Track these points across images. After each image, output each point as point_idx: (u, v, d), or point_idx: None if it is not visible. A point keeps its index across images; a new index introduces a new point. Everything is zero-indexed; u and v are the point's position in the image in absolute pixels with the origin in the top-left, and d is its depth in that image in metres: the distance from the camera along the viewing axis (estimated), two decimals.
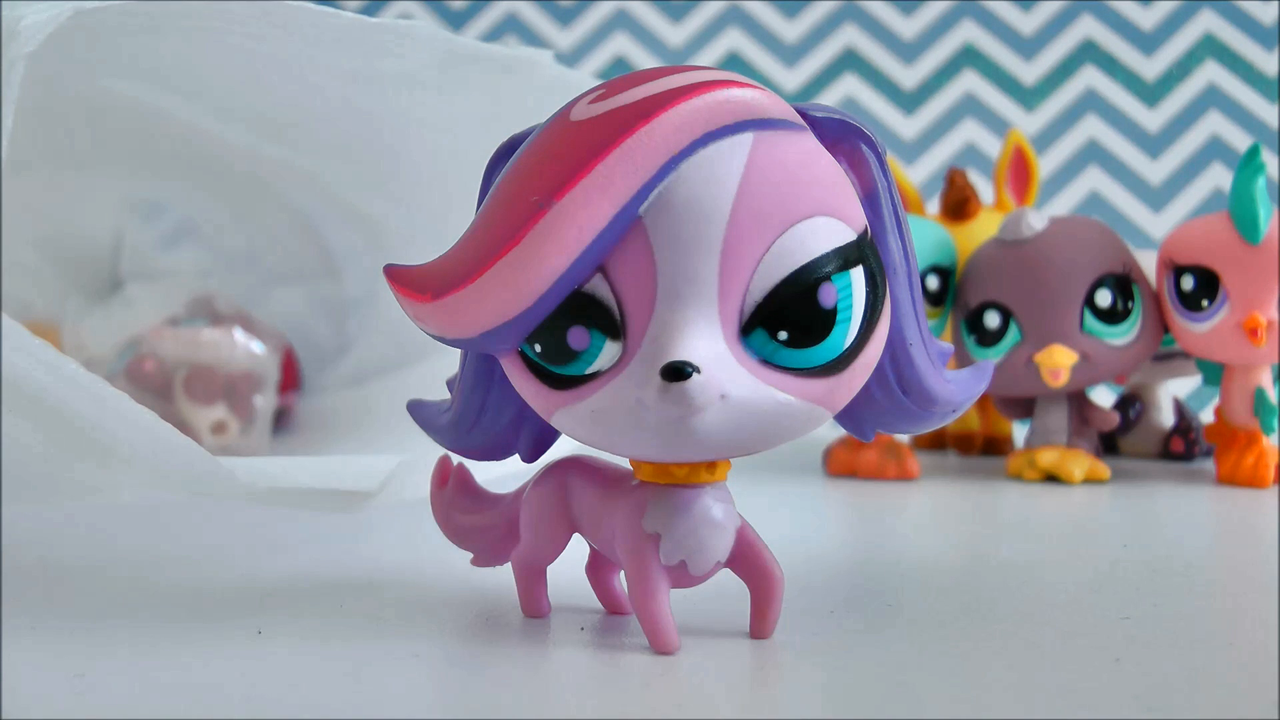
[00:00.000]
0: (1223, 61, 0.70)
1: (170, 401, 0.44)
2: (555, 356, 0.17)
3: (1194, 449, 0.45)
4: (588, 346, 0.16)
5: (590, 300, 0.16)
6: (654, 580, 0.18)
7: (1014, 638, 0.19)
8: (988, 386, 0.40)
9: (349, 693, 0.16)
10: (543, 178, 0.16)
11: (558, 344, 0.16)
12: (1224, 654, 0.18)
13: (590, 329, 0.16)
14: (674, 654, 0.18)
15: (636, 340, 0.16)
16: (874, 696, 0.16)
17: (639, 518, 0.18)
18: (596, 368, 0.16)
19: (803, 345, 0.16)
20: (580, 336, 0.16)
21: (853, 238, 0.17)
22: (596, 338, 0.16)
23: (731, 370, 0.16)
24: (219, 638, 0.19)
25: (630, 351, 0.16)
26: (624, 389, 0.16)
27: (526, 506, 0.20)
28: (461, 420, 0.20)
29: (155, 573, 0.25)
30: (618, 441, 0.17)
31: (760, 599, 0.19)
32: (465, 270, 0.16)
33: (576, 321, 0.16)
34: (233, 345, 0.45)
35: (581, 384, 0.17)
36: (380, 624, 0.20)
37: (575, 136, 0.16)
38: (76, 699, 0.16)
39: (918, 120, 0.73)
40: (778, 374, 0.16)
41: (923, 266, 0.40)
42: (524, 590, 0.20)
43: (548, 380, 0.17)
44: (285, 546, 0.28)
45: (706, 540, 0.18)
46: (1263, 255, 0.35)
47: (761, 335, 0.16)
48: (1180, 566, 0.25)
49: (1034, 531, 0.31)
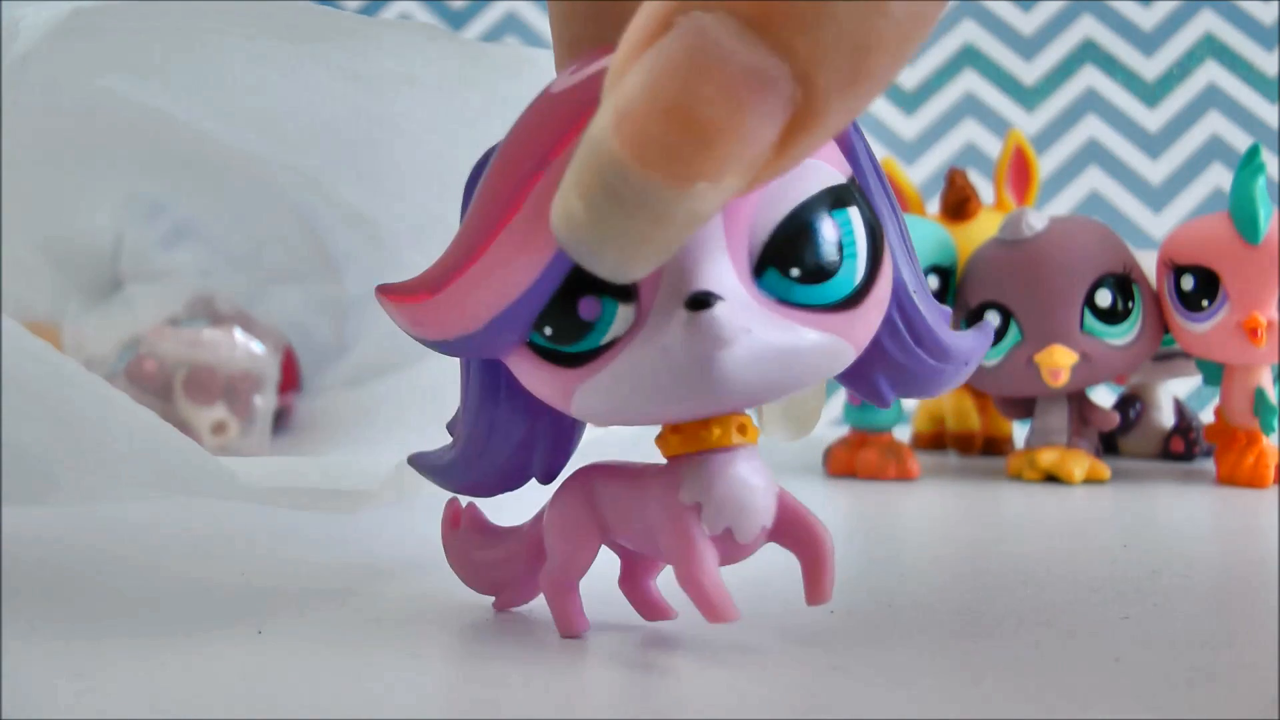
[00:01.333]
0: (1223, 61, 0.70)
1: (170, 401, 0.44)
2: (568, 334, 0.16)
3: (1194, 449, 0.45)
4: (600, 315, 0.16)
5: None
6: (701, 549, 0.17)
7: (1014, 637, 0.19)
8: (988, 387, 0.40)
9: (349, 693, 0.16)
10: (534, 144, 0.16)
11: (569, 319, 0.16)
12: (1224, 654, 0.18)
13: (600, 296, 0.16)
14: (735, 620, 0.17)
15: (650, 297, 0.16)
16: (874, 696, 0.16)
17: (675, 492, 0.17)
18: (612, 335, 0.16)
19: (816, 281, 0.16)
20: (591, 306, 0.16)
21: (842, 180, 0.17)
22: (608, 304, 0.16)
23: (751, 308, 0.16)
24: (219, 638, 0.19)
25: (645, 310, 0.16)
26: (645, 344, 0.16)
27: (550, 521, 0.19)
28: (469, 447, 0.19)
29: (155, 573, 0.25)
30: (643, 404, 0.16)
31: (812, 564, 0.18)
32: (459, 260, 0.16)
33: (585, 291, 0.16)
34: (233, 345, 0.45)
35: (599, 355, 0.16)
36: (380, 624, 0.20)
37: (559, 104, 0.16)
38: (76, 699, 0.16)
39: (918, 120, 0.73)
40: (797, 310, 0.16)
41: (923, 267, 0.40)
42: (559, 610, 0.19)
43: (563, 361, 0.16)
44: (285, 546, 0.28)
45: (749, 502, 0.17)
46: (1263, 255, 0.35)
47: (774, 274, 0.16)
48: (1180, 566, 0.25)
49: (1034, 531, 0.31)
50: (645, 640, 0.18)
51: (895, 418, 0.41)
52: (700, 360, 0.15)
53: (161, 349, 0.44)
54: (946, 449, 0.50)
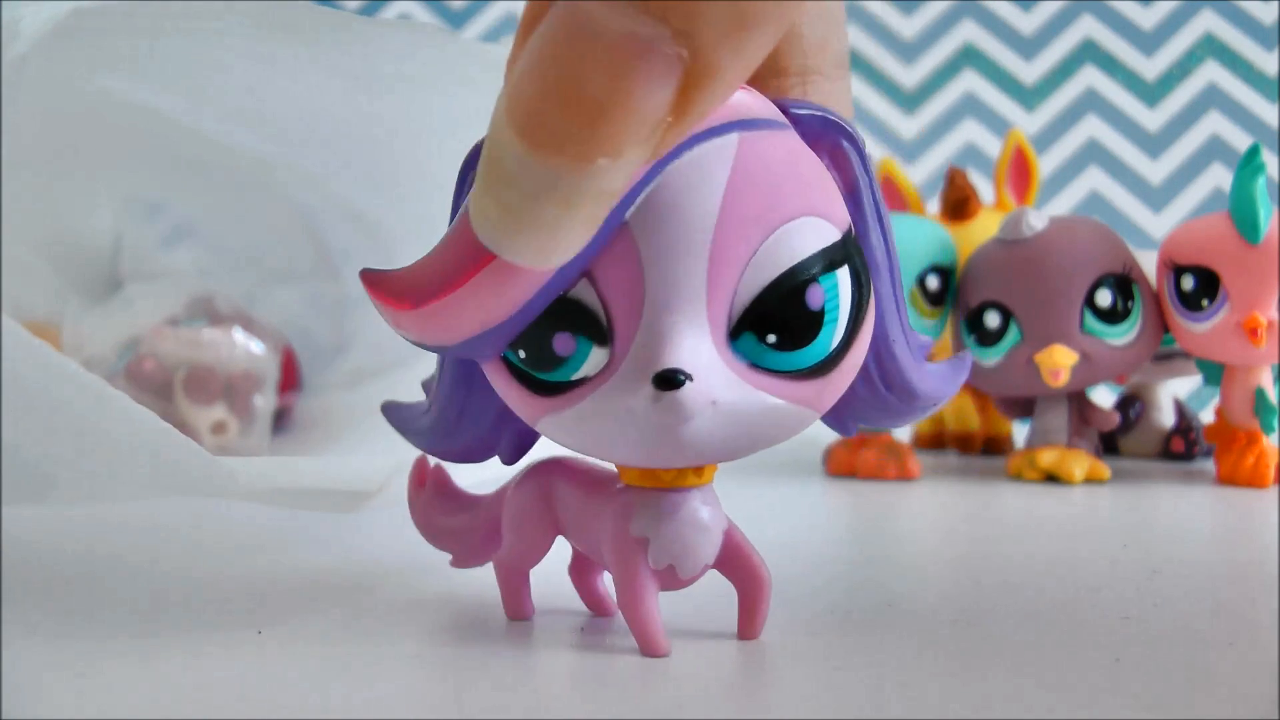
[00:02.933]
0: (1223, 61, 0.70)
1: (170, 401, 0.43)
2: (540, 363, 0.16)
3: (1194, 449, 0.45)
4: (573, 353, 0.16)
5: (576, 306, 0.16)
6: (642, 584, 0.18)
7: (1014, 637, 0.19)
8: (988, 387, 0.40)
9: (349, 693, 0.16)
10: None
11: (542, 350, 0.16)
12: (1224, 654, 0.18)
13: (576, 335, 0.16)
14: (664, 657, 0.18)
15: (624, 345, 0.16)
16: (873, 696, 0.16)
17: (626, 522, 0.18)
18: (583, 374, 0.16)
19: (791, 348, 0.16)
20: (566, 343, 0.16)
21: (838, 237, 0.16)
22: (583, 344, 0.16)
23: (721, 376, 0.16)
24: (219, 638, 0.19)
25: (618, 357, 0.16)
26: (612, 396, 0.16)
27: (509, 508, 0.20)
28: (440, 422, 0.19)
29: (155, 572, 0.25)
30: (605, 448, 0.17)
31: (748, 601, 0.19)
32: (445, 278, 0.16)
33: (562, 328, 0.16)
34: (232, 345, 0.45)
35: (567, 390, 0.16)
36: (380, 624, 0.20)
37: None
38: (76, 699, 0.16)
39: (918, 120, 0.73)
40: (767, 377, 0.16)
41: (923, 266, 0.40)
42: (507, 592, 0.20)
43: (532, 386, 0.17)
44: (285, 546, 0.28)
45: (693, 543, 0.18)
46: (1263, 255, 0.35)
47: (750, 339, 0.16)
48: (1180, 566, 0.25)
49: (1034, 531, 0.31)
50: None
51: None
52: (663, 428, 0.16)
53: (161, 349, 0.44)
54: (946, 449, 0.50)
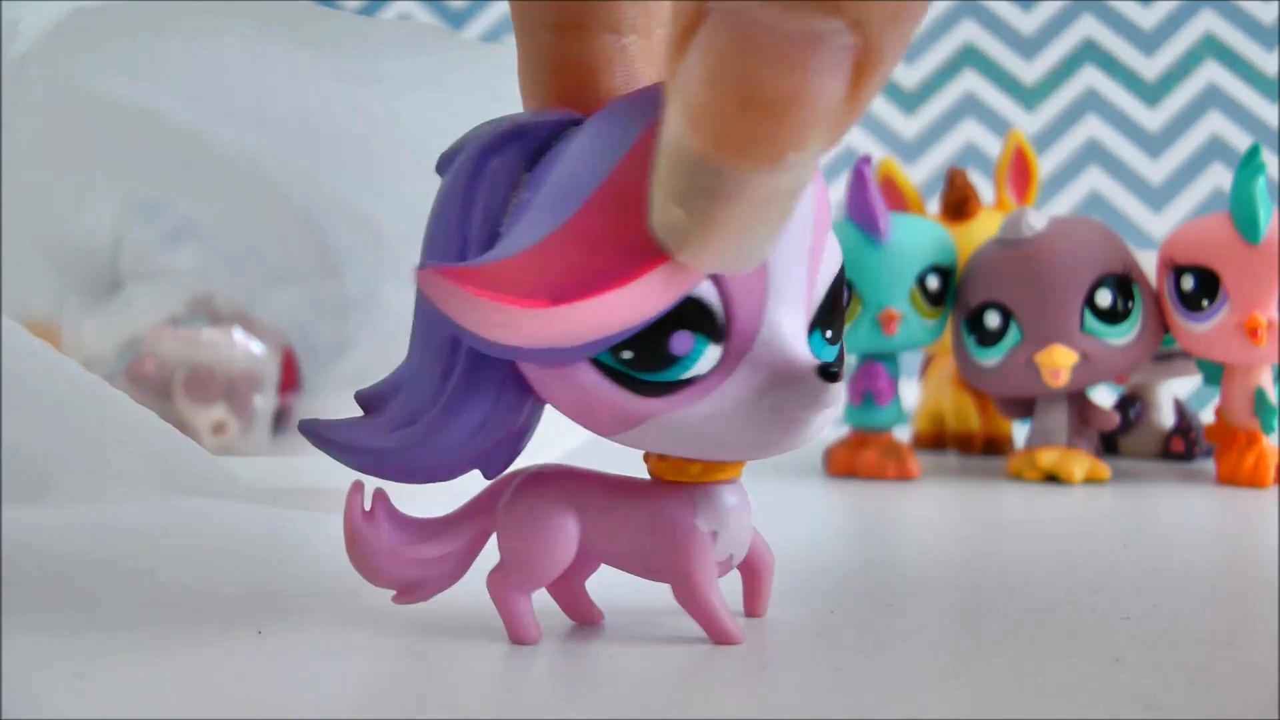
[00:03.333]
0: (1223, 61, 0.70)
1: (170, 401, 0.44)
2: (649, 363, 0.16)
3: (1194, 449, 0.45)
4: (689, 351, 0.16)
5: (699, 305, 0.16)
6: (711, 577, 0.18)
7: (1014, 638, 0.19)
8: (988, 387, 0.40)
9: (349, 693, 0.16)
10: None
11: (657, 350, 0.16)
12: (1224, 654, 0.18)
13: (695, 334, 0.16)
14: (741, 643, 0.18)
15: (741, 343, 0.16)
16: (873, 696, 0.16)
17: (691, 517, 0.18)
18: (694, 372, 0.16)
19: (834, 342, 0.18)
20: (684, 341, 0.16)
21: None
22: (700, 342, 0.16)
23: None
24: (219, 638, 0.19)
25: (732, 355, 0.16)
26: (735, 390, 0.16)
27: (518, 524, 0.18)
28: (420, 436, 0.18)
29: (155, 572, 0.25)
30: (716, 445, 0.17)
31: (756, 581, 0.20)
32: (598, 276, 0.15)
33: (682, 326, 0.16)
34: (232, 345, 0.45)
35: (678, 389, 0.16)
36: (380, 624, 0.20)
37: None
38: (76, 699, 0.16)
39: (918, 120, 0.73)
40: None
41: (923, 266, 0.40)
42: (512, 616, 0.19)
43: (635, 388, 0.16)
44: (285, 546, 0.28)
45: (747, 534, 0.19)
46: (1263, 255, 0.35)
47: (817, 337, 0.17)
48: (1180, 566, 0.25)
49: (1034, 531, 0.31)
50: (643, 640, 0.18)
51: (895, 418, 0.41)
52: (796, 420, 0.16)
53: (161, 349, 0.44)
54: (946, 449, 0.50)
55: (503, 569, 0.19)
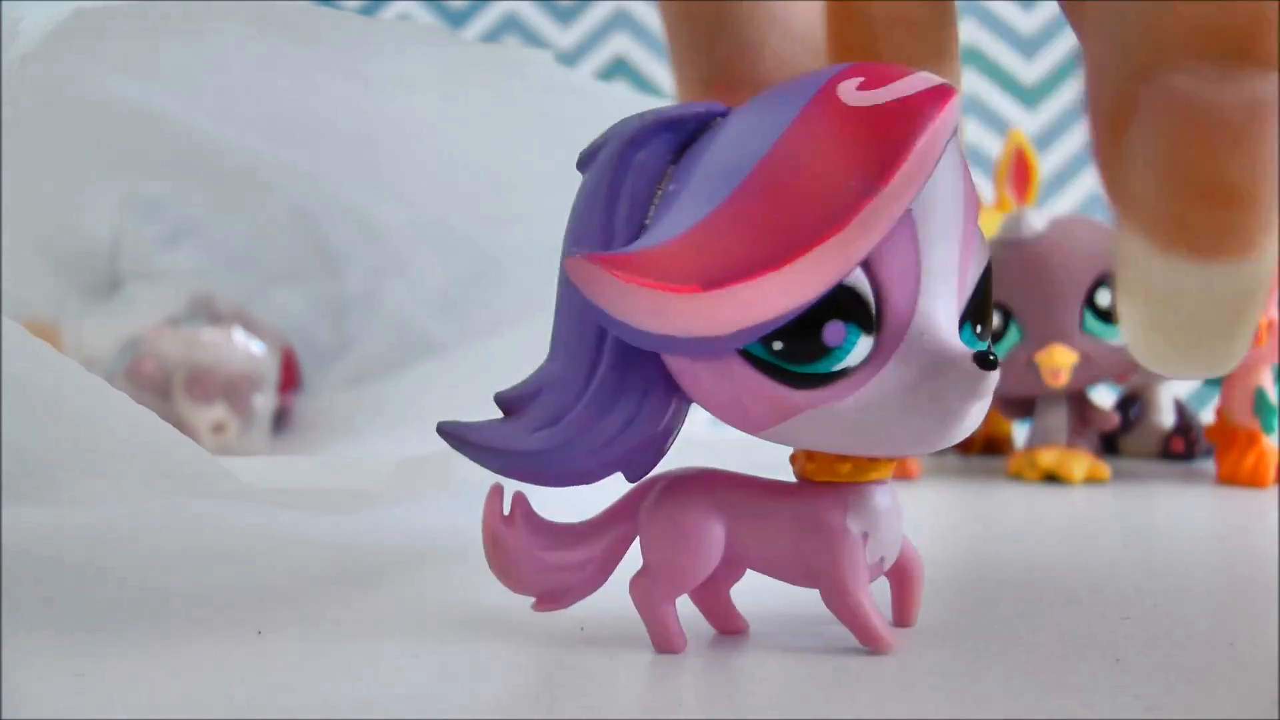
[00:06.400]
0: None
1: (170, 401, 0.44)
2: (801, 354, 0.16)
3: (1194, 449, 0.45)
4: (842, 342, 0.16)
5: (852, 294, 0.16)
6: (864, 580, 0.18)
7: (1014, 637, 0.19)
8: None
9: (349, 693, 0.16)
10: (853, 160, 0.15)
11: (809, 340, 0.16)
12: (1224, 654, 0.18)
13: (848, 324, 0.16)
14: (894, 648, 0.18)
15: (894, 334, 0.16)
16: (872, 696, 0.16)
17: (841, 518, 0.17)
18: (846, 364, 0.16)
19: (984, 337, 0.17)
20: (836, 332, 0.16)
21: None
22: (852, 332, 0.16)
23: None
24: (219, 637, 0.19)
25: (886, 345, 0.16)
26: (890, 382, 0.16)
27: (662, 528, 0.18)
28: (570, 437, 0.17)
29: (155, 572, 0.25)
30: (872, 438, 0.16)
31: (906, 589, 0.19)
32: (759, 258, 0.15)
33: (836, 316, 0.16)
34: (232, 345, 0.45)
35: (832, 381, 0.16)
36: (380, 624, 0.20)
37: (869, 124, 0.15)
38: (76, 699, 0.16)
39: None
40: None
41: None
42: (658, 624, 0.18)
43: (789, 380, 0.16)
44: (285, 546, 0.28)
45: (898, 536, 0.18)
46: None
47: (967, 331, 0.17)
48: (1180, 566, 0.25)
49: (1034, 531, 0.31)
50: (641, 640, 0.18)
51: None
52: (952, 412, 0.16)
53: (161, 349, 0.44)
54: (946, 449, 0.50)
55: (647, 574, 0.18)
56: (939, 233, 0.16)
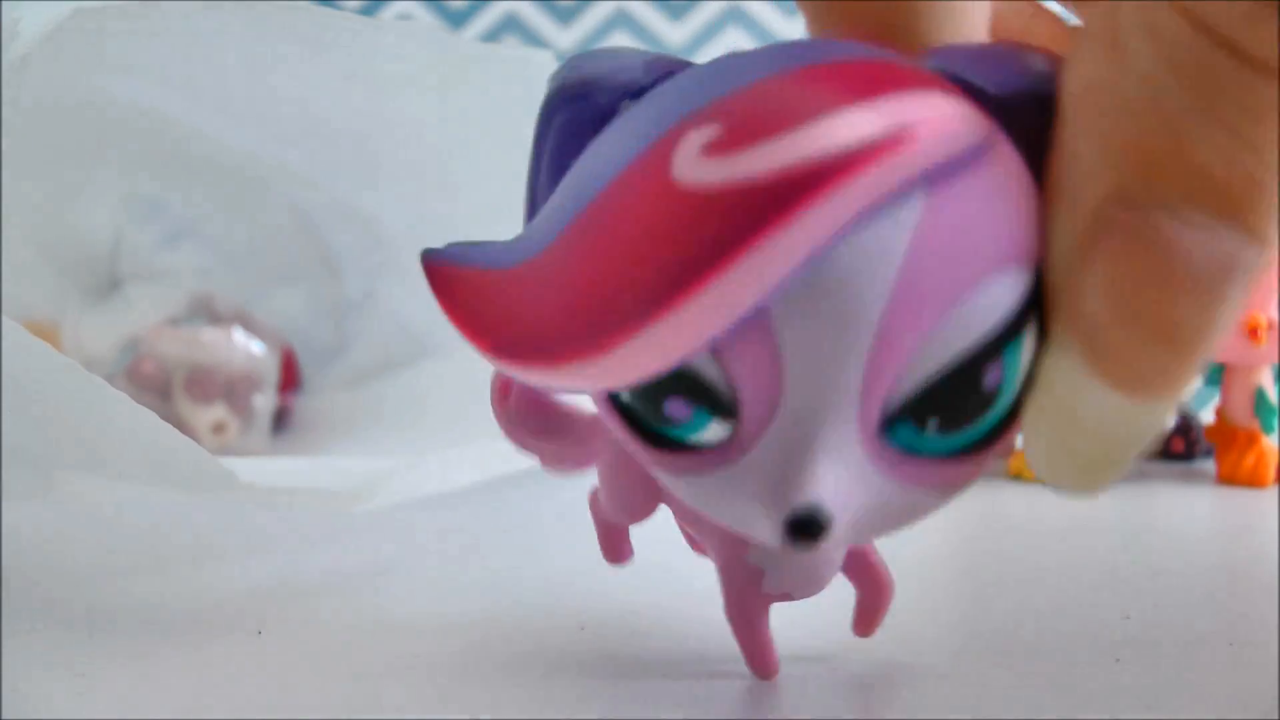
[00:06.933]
0: None
1: (170, 401, 0.44)
2: (650, 416, 0.14)
3: (1194, 449, 0.45)
4: (689, 419, 0.13)
5: (694, 376, 0.13)
6: (751, 608, 0.17)
7: (1013, 637, 0.19)
8: None
9: (349, 693, 0.16)
10: (654, 264, 0.12)
11: (653, 408, 0.13)
12: (1224, 654, 0.18)
13: (693, 405, 0.13)
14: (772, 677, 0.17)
15: (754, 428, 0.13)
16: (872, 696, 0.16)
17: (743, 548, 0.16)
18: (698, 440, 0.13)
19: (954, 430, 0.13)
20: (680, 408, 0.13)
21: (1028, 283, 0.13)
22: (700, 414, 0.13)
23: (865, 487, 0.13)
24: (219, 638, 0.19)
25: (744, 439, 0.13)
26: (732, 484, 0.13)
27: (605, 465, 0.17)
28: None
29: (155, 573, 0.25)
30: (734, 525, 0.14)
31: (870, 604, 0.18)
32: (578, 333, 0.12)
33: (676, 393, 0.13)
34: (232, 345, 0.45)
35: (681, 451, 0.14)
36: (380, 624, 0.20)
37: (693, 214, 0.12)
38: (76, 699, 0.16)
39: None
40: (919, 465, 0.13)
41: None
42: (601, 535, 0.19)
43: (642, 434, 0.14)
44: (285, 546, 0.28)
45: (815, 575, 0.17)
46: None
47: (908, 428, 0.13)
48: (1180, 566, 0.25)
49: (1034, 531, 0.31)
50: (642, 639, 0.18)
51: None
52: (793, 557, 0.15)
53: (161, 349, 0.44)
54: None
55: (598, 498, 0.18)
56: (820, 340, 0.12)
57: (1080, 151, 0.12)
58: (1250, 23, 0.11)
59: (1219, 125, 0.11)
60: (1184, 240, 0.11)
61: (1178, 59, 0.11)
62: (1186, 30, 0.11)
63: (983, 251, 0.12)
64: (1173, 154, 0.11)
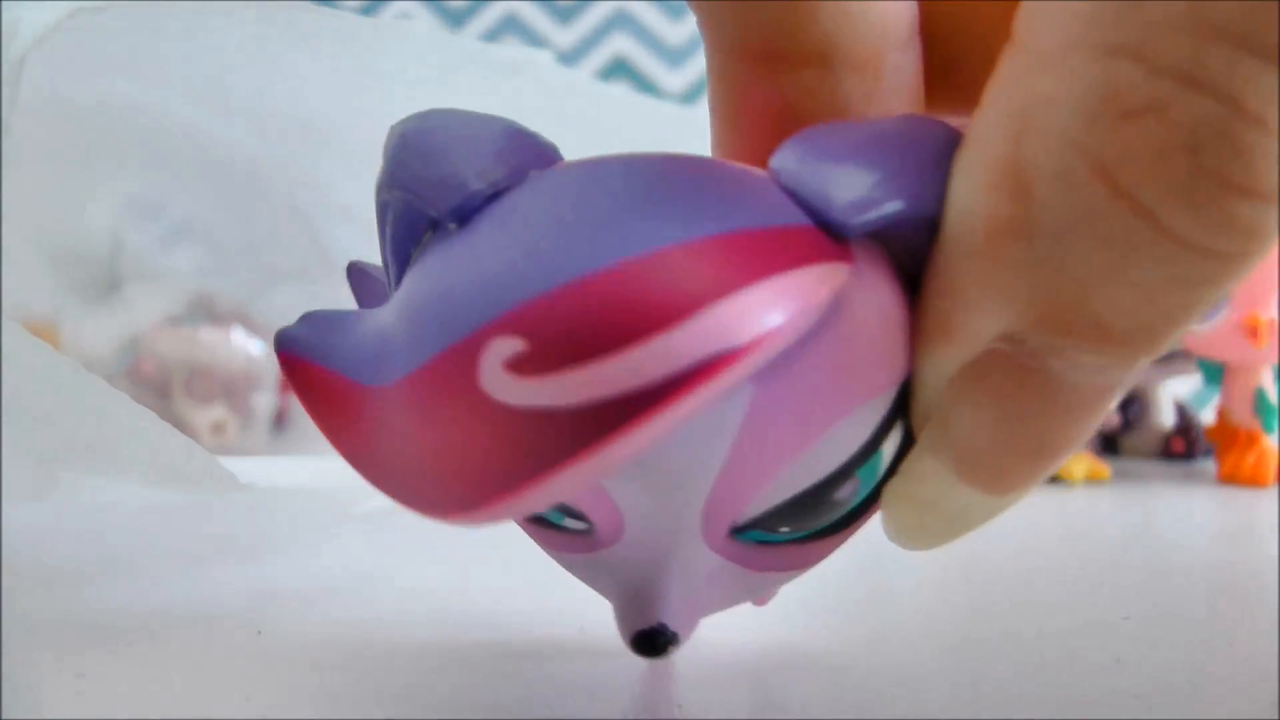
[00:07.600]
0: None
1: (169, 401, 0.44)
2: None
3: (1194, 449, 0.45)
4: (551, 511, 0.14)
5: None
6: None
7: (1013, 637, 0.19)
8: None
9: (349, 693, 0.16)
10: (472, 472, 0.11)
11: None
12: (1224, 654, 0.18)
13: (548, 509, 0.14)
14: None
15: (605, 532, 0.13)
16: (872, 696, 0.16)
17: None
18: (564, 525, 0.14)
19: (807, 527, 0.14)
20: None
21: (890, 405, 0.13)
22: (553, 514, 0.14)
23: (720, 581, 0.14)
24: (219, 638, 0.19)
25: (599, 539, 0.14)
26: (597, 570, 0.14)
27: None
28: None
29: (155, 572, 0.25)
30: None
31: None
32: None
33: None
34: (232, 345, 0.45)
35: (551, 529, 0.14)
36: (380, 624, 0.20)
37: (504, 429, 0.11)
38: (76, 699, 0.16)
39: None
40: (771, 552, 0.14)
41: None
42: None
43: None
44: (285, 546, 0.28)
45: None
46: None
47: (759, 532, 0.13)
48: (1180, 566, 0.25)
49: (1034, 531, 0.31)
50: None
51: None
52: None
53: (161, 349, 0.44)
54: None
55: None
56: (655, 498, 0.13)
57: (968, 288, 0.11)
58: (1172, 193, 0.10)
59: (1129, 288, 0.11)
60: (1071, 377, 0.12)
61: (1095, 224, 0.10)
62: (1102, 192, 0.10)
63: (828, 407, 0.12)
64: (1076, 308, 0.11)
